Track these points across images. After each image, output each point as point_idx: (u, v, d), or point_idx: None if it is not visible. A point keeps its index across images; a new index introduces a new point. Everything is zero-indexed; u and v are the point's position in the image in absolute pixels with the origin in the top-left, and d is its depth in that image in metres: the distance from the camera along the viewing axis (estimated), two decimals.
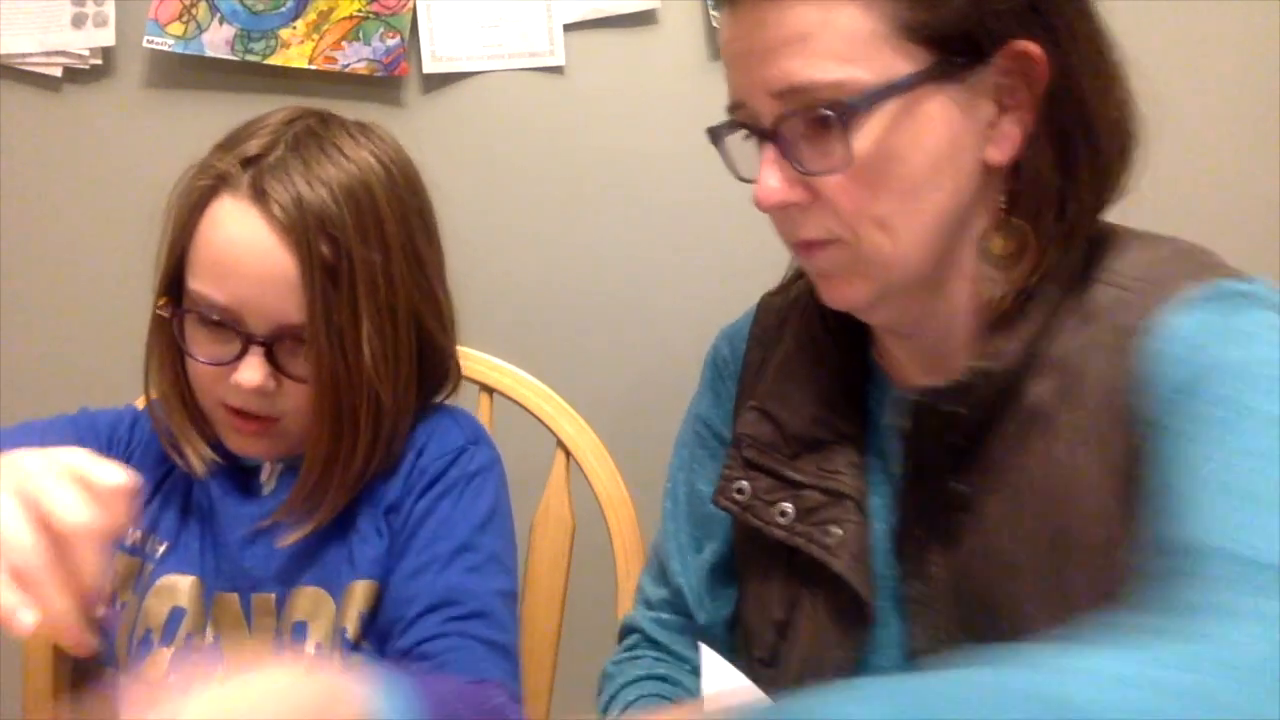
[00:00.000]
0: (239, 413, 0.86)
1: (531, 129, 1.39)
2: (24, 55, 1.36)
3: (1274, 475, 0.59)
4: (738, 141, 0.76)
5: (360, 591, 0.87)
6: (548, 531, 1.12)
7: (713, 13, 1.38)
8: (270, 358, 0.84)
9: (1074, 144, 0.72)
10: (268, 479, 0.91)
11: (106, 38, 1.36)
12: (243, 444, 0.88)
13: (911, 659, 0.75)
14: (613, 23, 1.36)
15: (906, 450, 0.75)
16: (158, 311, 0.88)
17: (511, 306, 1.40)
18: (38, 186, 1.39)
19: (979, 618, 0.72)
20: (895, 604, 0.78)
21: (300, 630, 0.86)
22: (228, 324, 0.84)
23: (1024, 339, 0.71)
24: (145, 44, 1.34)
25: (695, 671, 0.90)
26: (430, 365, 0.94)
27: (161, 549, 0.89)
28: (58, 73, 1.37)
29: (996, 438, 0.72)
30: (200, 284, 0.84)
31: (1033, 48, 0.69)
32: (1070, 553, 0.68)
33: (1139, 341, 0.68)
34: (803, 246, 0.74)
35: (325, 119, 0.90)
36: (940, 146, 0.69)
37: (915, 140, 0.69)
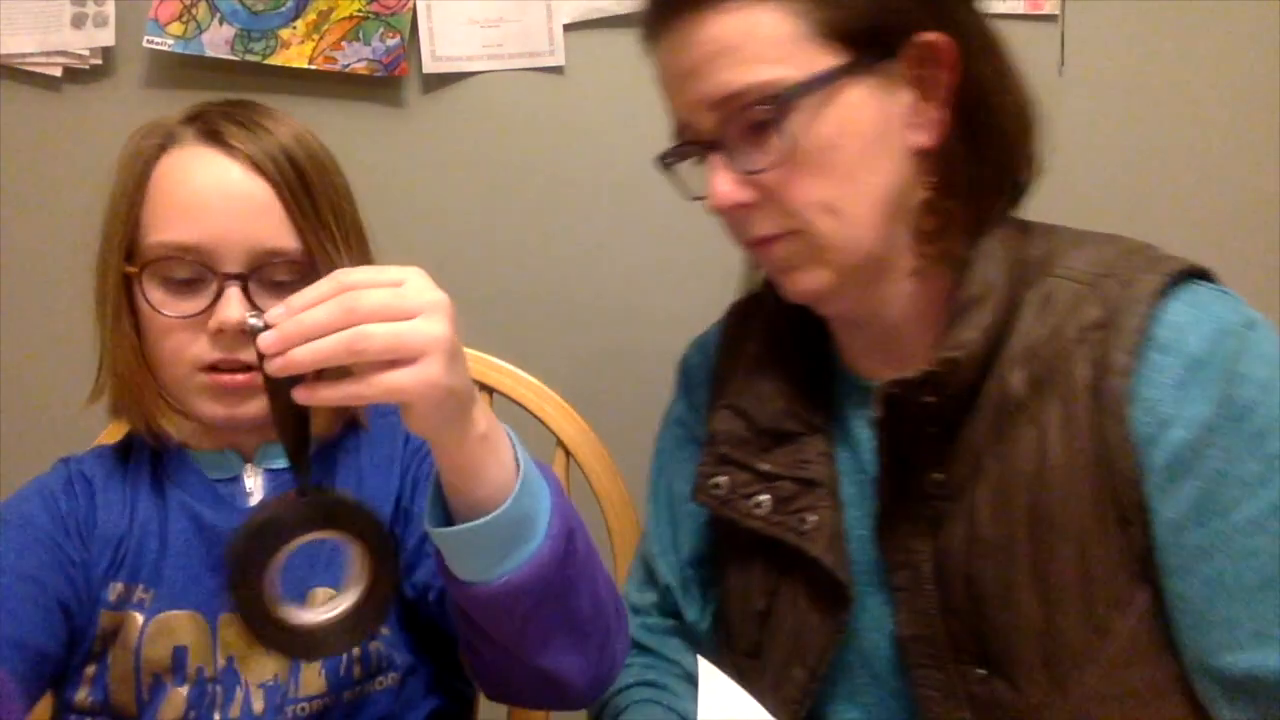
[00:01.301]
0: (220, 370, 0.83)
1: (531, 129, 1.39)
2: (24, 55, 1.36)
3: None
4: (685, 167, 0.82)
5: None
6: None
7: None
8: (247, 296, 0.82)
9: (980, 127, 0.77)
10: (252, 487, 0.90)
11: (106, 38, 1.36)
12: (228, 408, 0.84)
13: (899, 645, 0.78)
14: (613, 23, 1.36)
15: (881, 441, 0.77)
16: (128, 271, 0.85)
17: (511, 306, 1.40)
18: (38, 186, 1.38)
19: (966, 602, 0.75)
20: (874, 589, 0.80)
21: None
22: (196, 272, 0.82)
23: (982, 328, 0.74)
24: (145, 44, 1.34)
25: (684, 676, 0.91)
26: None
27: (148, 597, 0.85)
28: (58, 73, 1.37)
29: (972, 427, 0.75)
30: (165, 233, 0.83)
31: (938, 38, 0.75)
32: (1050, 536, 0.72)
33: (1112, 335, 0.72)
34: (758, 244, 0.79)
35: (240, 99, 0.91)
36: (868, 132, 0.75)
37: (844, 128, 0.74)
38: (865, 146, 0.75)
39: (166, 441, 0.88)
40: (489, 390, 1.13)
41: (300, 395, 0.65)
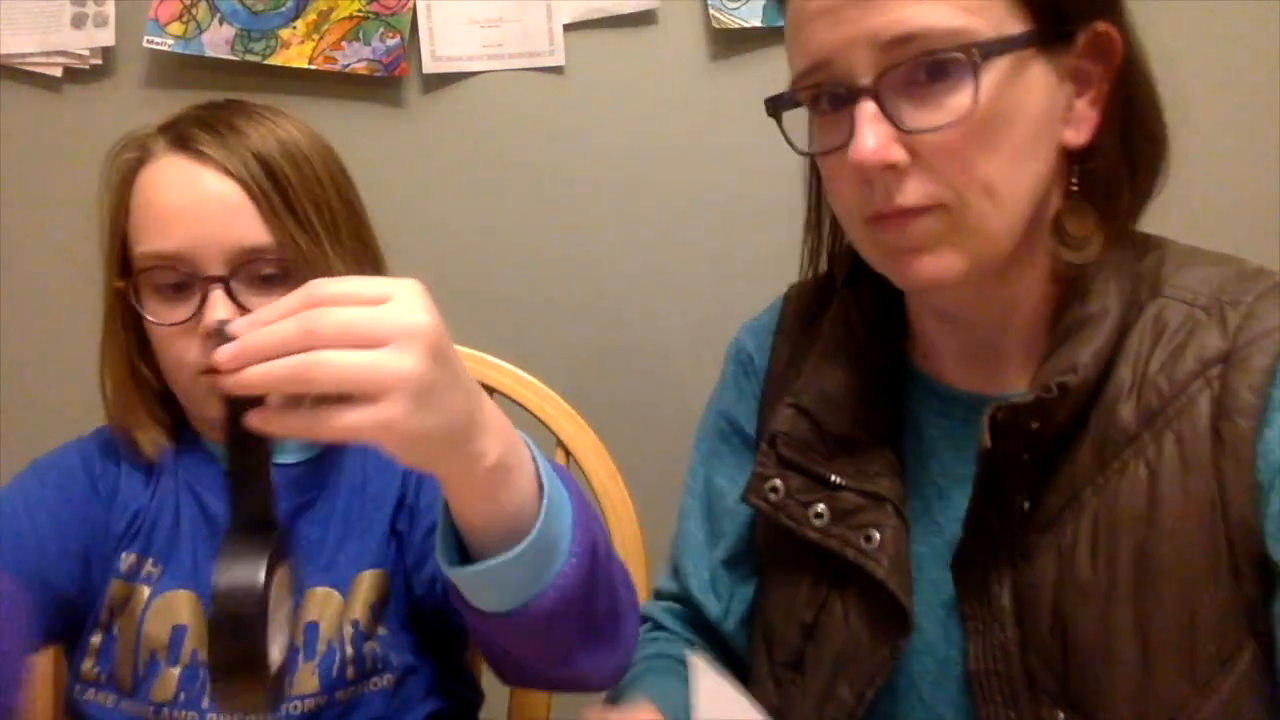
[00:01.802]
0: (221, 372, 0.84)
1: (531, 129, 1.39)
2: (24, 55, 1.36)
3: None
4: (790, 117, 0.73)
5: (369, 581, 0.87)
6: None
7: None
8: (231, 296, 0.82)
9: (1129, 132, 0.72)
10: None
11: (106, 38, 1.36)
12: None
13: (967, 678, 0.73)
14: (613, 23, 1.36)
15: (983, 471, 0.71)
16: (116, 286, 0.87)
17: (511, 306, 1.40)
18: (38, 186, 1.39)
19: (1052, 642, 0.70)
20: (930, 610, 0.76)
21: (312, 630, 0.86)
22: (183, 279, 0.83)
23: (1095, 350, 0.69)
24: (145, 44, 1.34)
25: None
26: None
27: (156, 572, 0.87)
28: (58, 73, 1.37)
29: (1071, 456, 0.70)
30: (147, 243, 0.84)
31: (1112, 30, 0.69)
32: (1157, 583, 0.67)
33: (1236, 372, 0.67)
34: (894, 216, 0.68)
35: (226, 100, 0.91)
36: (1040, 115, 0.68)
37: (1021, 103, 0.67)
38: (1034, 129, 0.68)
39: (137, 455, 0.90)
40: (489, 390, 1.13)
41: (252, 419, 0.58)
